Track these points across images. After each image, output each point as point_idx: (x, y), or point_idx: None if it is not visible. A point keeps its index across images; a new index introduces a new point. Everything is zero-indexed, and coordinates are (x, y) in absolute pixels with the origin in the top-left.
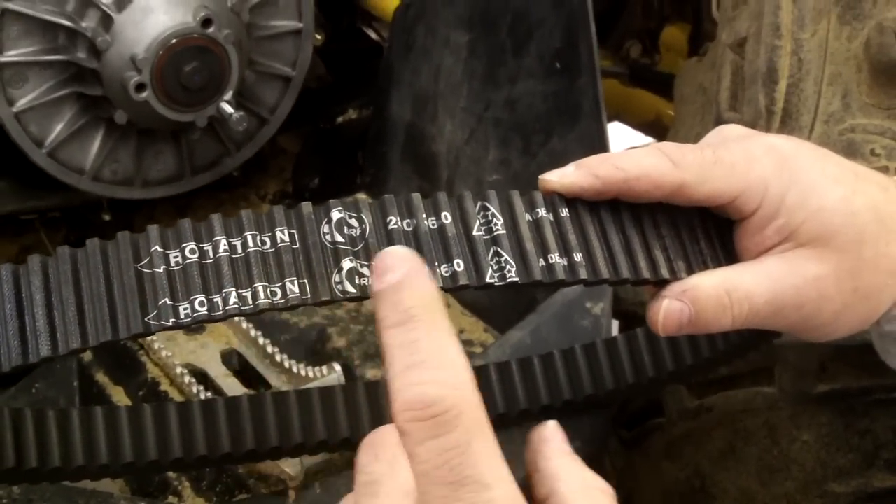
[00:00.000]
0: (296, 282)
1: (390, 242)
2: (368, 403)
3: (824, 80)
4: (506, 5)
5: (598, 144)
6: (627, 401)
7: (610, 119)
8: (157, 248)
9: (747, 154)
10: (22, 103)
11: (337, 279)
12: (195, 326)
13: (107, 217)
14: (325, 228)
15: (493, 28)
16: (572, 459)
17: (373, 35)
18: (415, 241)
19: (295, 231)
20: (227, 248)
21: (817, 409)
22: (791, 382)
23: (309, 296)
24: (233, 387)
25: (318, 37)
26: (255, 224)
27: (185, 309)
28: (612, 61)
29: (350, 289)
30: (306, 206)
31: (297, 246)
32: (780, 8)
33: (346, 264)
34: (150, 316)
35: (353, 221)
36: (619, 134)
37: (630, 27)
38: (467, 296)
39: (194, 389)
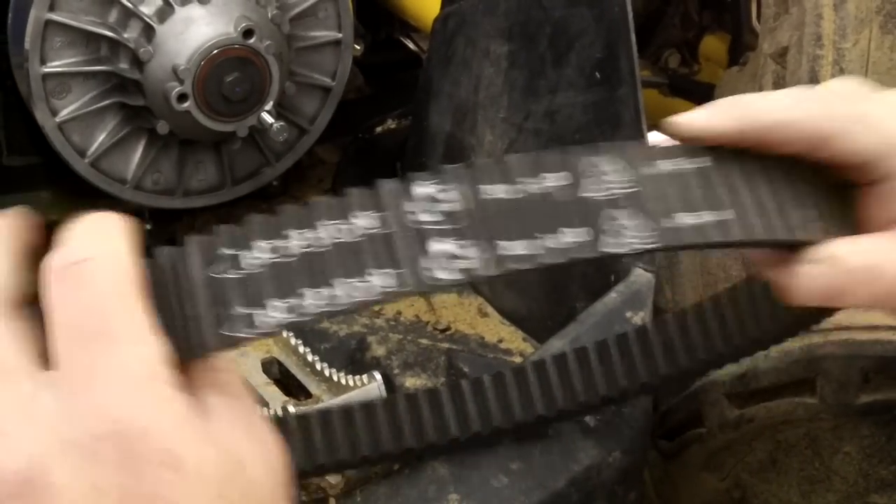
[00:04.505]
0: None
1: (485, 215)
2: (410, 415)
3: None
4: (546, 17)
5: None
6: (667, 412)
7: (648, 129)
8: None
9: (893, 110)
10: (65, 113)
11: (425, 265)
12: None
13: (148, 226)
14: (408, 207)
15: (533, 39)
16: None
17: (411, 46)
18: (517, 210)
19: (374, 214)
20: (303, 242)
21: (860, 421)
22: (833, 394)
23: (395, 287)
24: (274, 395)
25: (358, 47)
26: (328, 212)
27: (261, 316)
28: (650, 71)
29: (441, 275)
30: (385, 184)
31: (377, 231)
32: (822, 17)
33: (435, 246)
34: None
35: (441, 195)
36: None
37: (668, 37)
38: (506, 305)
39: None
